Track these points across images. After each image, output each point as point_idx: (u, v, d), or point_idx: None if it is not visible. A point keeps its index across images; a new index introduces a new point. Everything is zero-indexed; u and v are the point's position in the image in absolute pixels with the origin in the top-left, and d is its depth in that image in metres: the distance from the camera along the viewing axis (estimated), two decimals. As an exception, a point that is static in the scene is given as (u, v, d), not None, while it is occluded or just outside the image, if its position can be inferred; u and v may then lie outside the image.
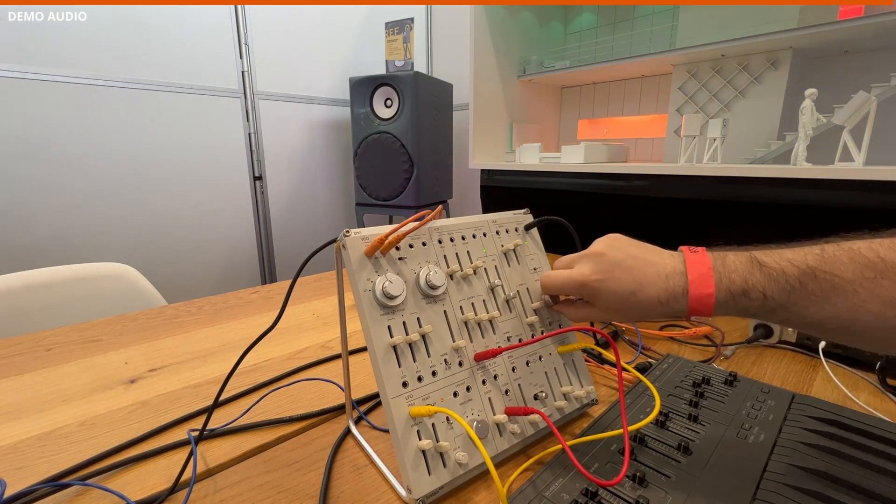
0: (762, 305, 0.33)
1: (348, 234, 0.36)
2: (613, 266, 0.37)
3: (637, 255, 0.38)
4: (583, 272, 0.38)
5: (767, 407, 0.42)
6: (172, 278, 1.81)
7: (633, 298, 0.36)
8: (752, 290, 0.33)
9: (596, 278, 0.37)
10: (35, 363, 0.59)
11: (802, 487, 0.31)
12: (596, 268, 0.38)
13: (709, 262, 0.35)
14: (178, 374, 0.56)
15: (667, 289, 0.35)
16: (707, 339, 0.65)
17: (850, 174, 0.85)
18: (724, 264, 0.35)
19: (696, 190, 1.08)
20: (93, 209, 1.61)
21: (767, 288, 0.33)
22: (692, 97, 1.30)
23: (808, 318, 0.32)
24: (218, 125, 1.84)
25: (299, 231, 2.20)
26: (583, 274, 0.38)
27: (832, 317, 0.31)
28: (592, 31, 1.64)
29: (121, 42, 1.57)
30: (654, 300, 0.35)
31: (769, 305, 0.33)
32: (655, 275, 0.36)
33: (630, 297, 0.36)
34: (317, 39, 2.09)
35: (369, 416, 0.46)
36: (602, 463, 0.35)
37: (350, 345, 0.57)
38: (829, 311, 0.31)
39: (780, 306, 0.33)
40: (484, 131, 1.54)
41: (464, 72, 1.59)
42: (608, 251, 0.38)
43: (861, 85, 0.91)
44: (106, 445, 0.41)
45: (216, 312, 0.78)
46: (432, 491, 0.33)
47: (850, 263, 0.31)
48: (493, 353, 0.39)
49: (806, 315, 0.32)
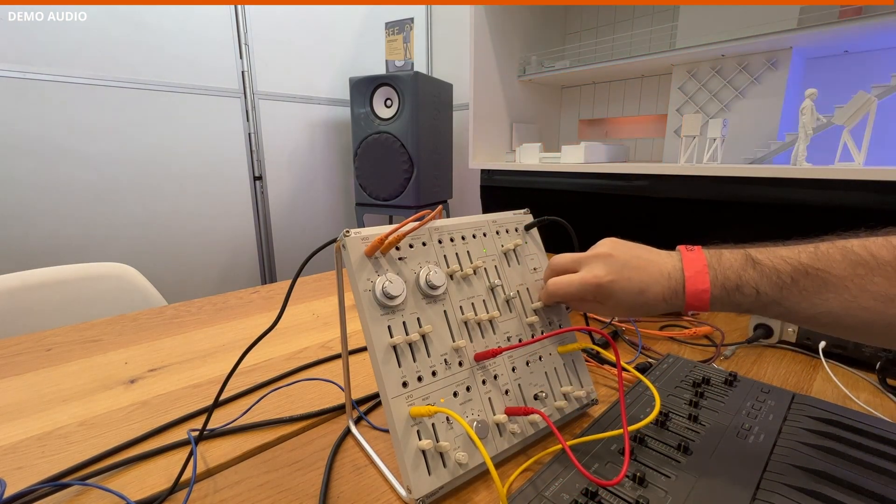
0: (755, 301, 0.34)
1: (348, 234, 0.36)
2: (622, 266, 0.38)
3: (640, 256, 0.39)
4: (596, 274, 0.38)
5: (767, 407, 0.42)
6: (172, 278, 1.81)
7: (641, 297, 0.37)
8: (745, 286, 0.34)
9: (609, 279, 0.38)
10: (35, 363, 0.59)
11: (802, 487, 0.31)
12: (608, 269, 0.38)
13: (704, 260, 0.36)
14: (178, 374, 0.56)
15: (669, 286, 0.37)
16: (707, 339, 0.65)
17: (850, 174, 0.85)
18: (719, 262, 0.36)
19: (696, 190, 1.08)
20: (93, 209, 1.61)
21: (760, 284, 0.34)
22: (692, 97, 1.30)
23: (802, 314, 0.33)
24: (218, 125, 1.84)
25: (299, 231, 2.20)
26: (597, 276, 0.38)
27: (825, 312, 0.32)
28: (592, 31, 1.64)
29: (121, 42, 1.57)
30: (660, 298, 0.37)
31: (762, 301, 0.34)
32: (658, 273, 0.37)
33: (639, 296, 0.37)
34: (317, 39, 2.09)
35: (369, 416, 0.46)
36: (602, 463, 0.35)
37: (350, 345, 0.57)
38: (822, 306, 0.32)
39: (773, 302, 0.34)
40: (484, 131, 1.54)
41: (464, 72, 1.60)
42: (615, 252, 0.39)
43: (861, 85, 0.91)
44: (106, 445, 0.41)
45: (216, 312, 0.78)
46: (432, 491, 0.33)
47: (842, 261, 0.32)
48: (493, 353, 0.39)
49: (799, 310, 0.33)
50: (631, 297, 0.37)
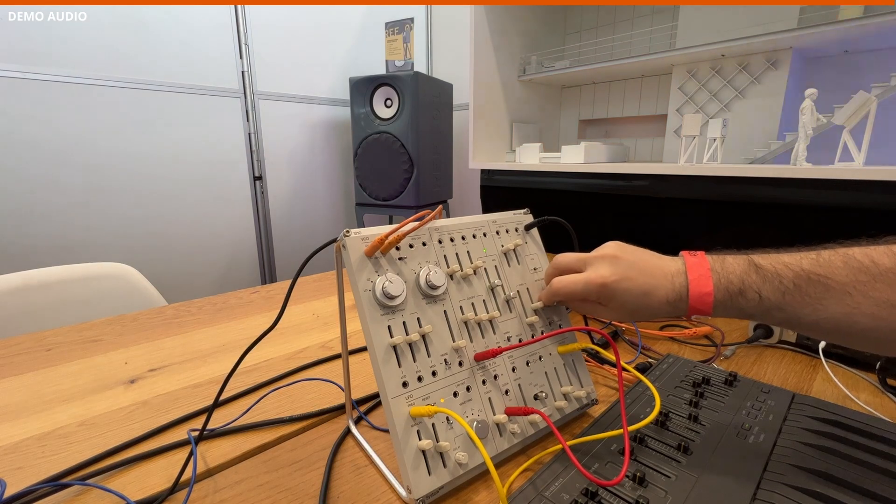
0: (758, 306, 0.34)
1: (348, 234, 0.36)
2: (628, 268, 0.38)
3: (645, 259, 0.39)
4: (602, 274, 0.38)
5: (767, 407, 0.42)
6: (172, 278, 1.81)
7: (645, 299, 0.37)
8: (748, 291, 0.34)
9: (614, 279, 0.38)
10: (35, 363, 0.59)
11: (802, 487, 0.31)
12: (613, 269, 0.38)
13: (707, 264, 0.36)
14: (178, 374, 0.56)
15: (673, 290, 0.37)
16: (707, 339, 0.65)
17: (850, 174, 0.85)
18: (722, 266, 0.36)
19: (696, 190, 1.08)
20: (93, 209, 1.61)
21: (763, 289, 0.34)
22: (692, 97, 1.30)
23: (804, 320, 0.33)
24: (218, 125, 1.84)
25: (299, 231, 2.20)
26: (602, 276, 0.38)
27: (827, 318, 0.32)
28: (592, 31, 1.64)
29: (121, 42, 1.57)
30: (664, 300, 0.37)
31: (765, 306, 0.34)
32: (662, 276, 0.37)
33: (643, 298, 0.37)
34: (317, 39, 2.09)
35: (369, 416, 0.46)
36: (602, 463, 0.35)
37: (350, 345, 0.57)
38: (824, 312, 0.32)
39: (775, 307, 0.34)
40: (484, 131, 1.54)
41: (464, 72, 1.60)
42: (620, 254, 0.39)
43: (861, 85, 0.91)
44: (106, 445, 0.41)
45: (216, 312, 0.78)
46: (432, 491, 0.33)
47: (843, 267, 0.32)
48: (493, 353, 0.39)
49: (801, 316, 0.33)
50: (635, 299, 0.37)
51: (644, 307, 0.37)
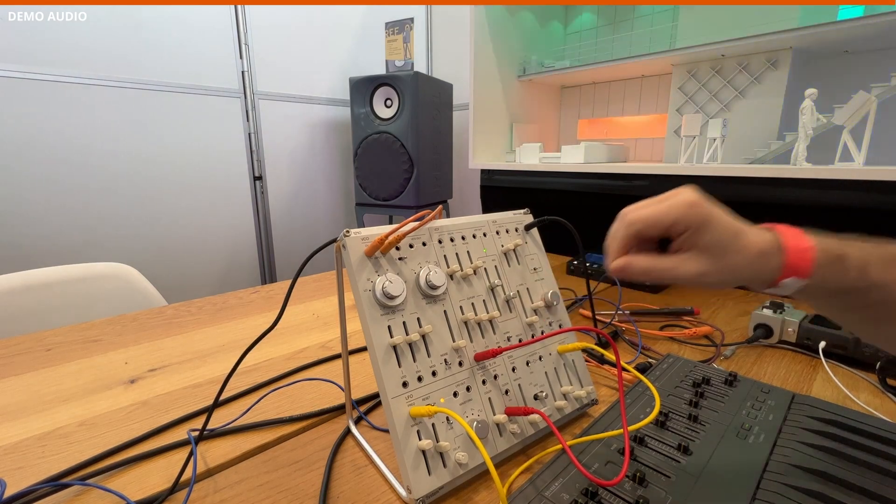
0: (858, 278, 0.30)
1: (348, 234, 0.36)
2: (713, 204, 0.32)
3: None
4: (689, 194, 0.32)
5: (767, 407, 0.42)
6: (172, 278, 1.81)
7: (737, 242, 0.31)
8: (849, 258, 0.30)
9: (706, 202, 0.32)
10: (35, 363, 0.59)
11: (802, 487, 0.31)
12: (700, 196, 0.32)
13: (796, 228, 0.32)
14: (178, 374, 0.56)
15: (764, 238, 0.31)
16: (707, 339, 0.65)
17: (850, 174, 0.85)
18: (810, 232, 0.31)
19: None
20: (93, 209, 1.61)
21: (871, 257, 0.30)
22: (692, 97, 1.30)
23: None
24: (218, 125, 1.84)
25: (299, 231, 2.20)
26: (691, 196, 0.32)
27: None
28: (592, 31, 1.64)
29: (121, 42, 1.57)
30: (755, 249, 0.31)
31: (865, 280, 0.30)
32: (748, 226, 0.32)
33: (734, 241, 0.31)
34: (317, 39, 2.09)
35: (369, 416, 0.46)
36: (602, 463, 0.35)
37: (350, 345, 0.57)
38: None
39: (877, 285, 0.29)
40: (484, 131, 1.54)
41: (464, 72, 1.60)
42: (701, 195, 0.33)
43: (861, 85, 0.91)
44: (106, 445, 0.41)
45: (216, 312, 0.78)
46: (432, 491, 0.33)
47: None
48: (493, 353, 0.39)
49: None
50: (728, 235, 0.31)
51: (735, 251, 0.31)
